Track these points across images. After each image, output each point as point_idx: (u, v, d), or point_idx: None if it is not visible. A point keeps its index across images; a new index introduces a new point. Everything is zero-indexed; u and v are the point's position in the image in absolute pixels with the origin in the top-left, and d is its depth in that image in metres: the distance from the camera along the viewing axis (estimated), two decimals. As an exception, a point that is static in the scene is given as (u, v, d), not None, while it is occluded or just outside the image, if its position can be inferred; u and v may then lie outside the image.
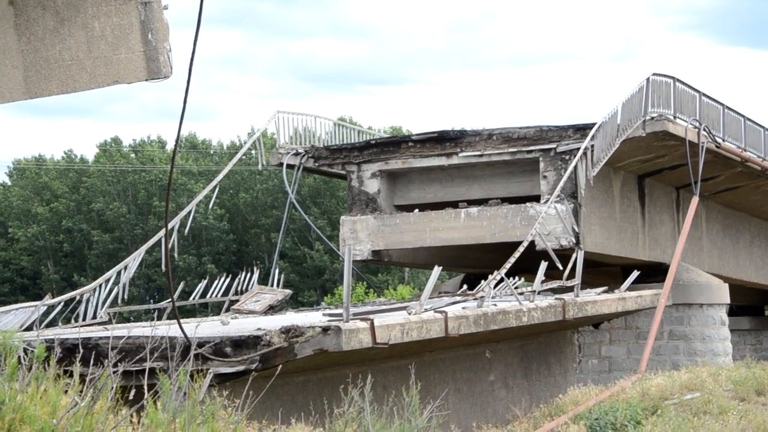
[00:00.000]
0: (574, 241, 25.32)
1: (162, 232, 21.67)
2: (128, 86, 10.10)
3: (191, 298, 21.90)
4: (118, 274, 20.31)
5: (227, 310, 21.57)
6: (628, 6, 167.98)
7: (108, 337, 12.84)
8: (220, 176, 25.43)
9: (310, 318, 17.16)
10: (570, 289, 21.38)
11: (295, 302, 56.53)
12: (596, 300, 21.74)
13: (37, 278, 73.10)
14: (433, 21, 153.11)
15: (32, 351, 8.47)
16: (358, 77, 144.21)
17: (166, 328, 12.88)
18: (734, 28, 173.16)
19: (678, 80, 28.27)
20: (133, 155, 76.11)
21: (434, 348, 17.21)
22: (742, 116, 32.86)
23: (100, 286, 19.63)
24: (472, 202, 27.23)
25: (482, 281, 20.59)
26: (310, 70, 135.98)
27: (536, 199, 26.42)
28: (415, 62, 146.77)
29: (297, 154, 28.40)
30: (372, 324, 13.96)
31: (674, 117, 27.85)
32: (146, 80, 10.05)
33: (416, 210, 27.61)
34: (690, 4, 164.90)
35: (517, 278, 20.69)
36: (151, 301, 62.82)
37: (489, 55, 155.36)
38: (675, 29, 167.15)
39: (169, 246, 16.51)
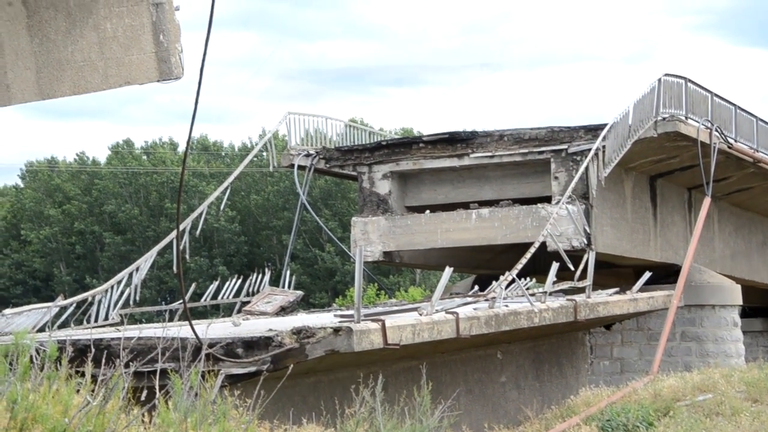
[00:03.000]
0: (586, 242, 25.29)
1: (173, 234, 21.70)
2: (144, 88, 10.14)
3: (203, 300, 21.91)
4: (130, 275, 20.34)
5: (239, 311, 21.58)
6: (644, 6, 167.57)
7: (120, 338, 12.84)
8: (232, 178, 25.44)
9: (322, 319, 17.15)
10: (581, 290, 21.34)
11: (306, 304, 56.51)
12: (608, 301, 21.70)
13: (49, 280, 73.31)
14: (448, 22, 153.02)
15: (44, 351, 8.49)
16: (372, 79, 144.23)
17: (178, 329, 12.88)
18: (751, 28, 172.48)
19: (690, 81, 28.20)
20: (144, 157, 76.28)
21: (445, 349, 17.19)
22: (755, 117, 32.78)
23: (112, 287, 19.66)
24: (483, 203, 27.21)
25: (493, 282, 20.57)
26: (324, 71, 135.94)
27: (547, 200, 26.40)
28: (429, 63, 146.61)
29: (308, 155, 28.41)
30: (383, 325, 13.94)
31: (686, 117, 27.78)
32: (158, 81, 10.08)
33: (427, 211, 27.59)
34: (706, 4, 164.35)
35: (528, 279, 20.65)
36: (163, 302, 62.90)
37: (503, 56, 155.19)
38: (691, 29, 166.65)
39: (181, 248, 16.52)
